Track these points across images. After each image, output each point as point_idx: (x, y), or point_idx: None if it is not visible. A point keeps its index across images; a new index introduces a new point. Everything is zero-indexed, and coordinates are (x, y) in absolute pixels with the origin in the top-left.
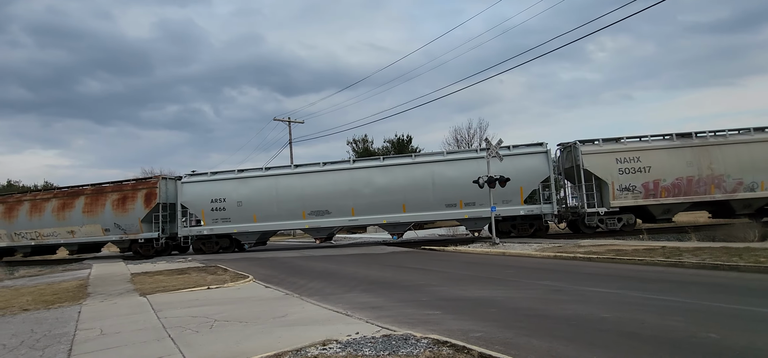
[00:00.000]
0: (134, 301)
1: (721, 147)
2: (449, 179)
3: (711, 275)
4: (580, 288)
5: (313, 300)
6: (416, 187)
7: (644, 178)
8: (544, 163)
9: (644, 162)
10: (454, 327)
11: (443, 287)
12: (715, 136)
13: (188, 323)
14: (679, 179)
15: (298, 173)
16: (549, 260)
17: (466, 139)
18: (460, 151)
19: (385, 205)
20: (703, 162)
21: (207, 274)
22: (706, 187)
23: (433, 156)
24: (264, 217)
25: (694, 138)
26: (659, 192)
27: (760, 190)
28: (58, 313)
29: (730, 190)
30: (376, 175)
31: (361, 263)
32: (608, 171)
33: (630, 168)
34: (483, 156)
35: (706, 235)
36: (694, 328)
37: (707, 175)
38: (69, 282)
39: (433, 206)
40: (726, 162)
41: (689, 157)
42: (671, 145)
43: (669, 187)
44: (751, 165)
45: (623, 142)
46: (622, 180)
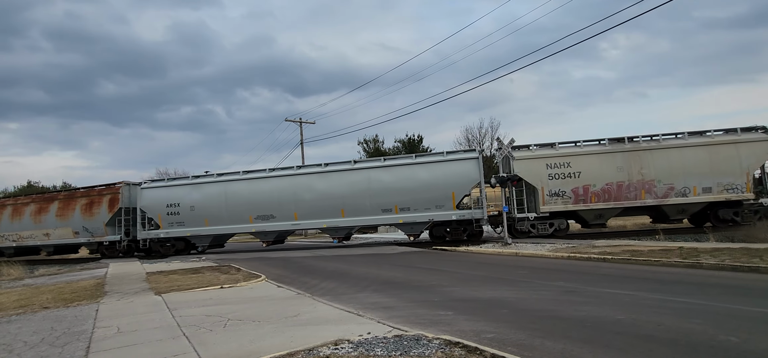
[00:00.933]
0: (150, 300)
1: (653, 152)
2: (385, 185)
3: (730, 277)
4: (594, 289)
5: (324, 300)
6: (354, 192)
7: (574, 183)
8: (475, 170)
9: (574, 168)
10: (466, 328)
11: (455, 288)
12: (648, 141)
13: (203, 321)
14: (609, 184)
15: (246, 179)
16: (563, 260)
17: (478, 138)
18: (396, 157)
19: (325, 210)
20: (634, 167)
21: (220, 273)
22: (637, 192)
23: (370, 162)
24: (215, 221)
25: (626, 143)
26: (589, 197)
27: (692, 195)
28: (76, 311)
29: (661, 195)
30: (317, 182)
31: (372, 263)
32: (538, 177)
33: (560, 174)
34: (417, 162)
35: (725, 235)
36: (714, 331)
37: (638, 180)
38: (87, 281)
39: (370, 210)
40: (657, 167)
41: (620, 163)
42: (602, 151)
43: (599, 192)
44: (682, 170)
45: (556, 148)
46: (552, 185)
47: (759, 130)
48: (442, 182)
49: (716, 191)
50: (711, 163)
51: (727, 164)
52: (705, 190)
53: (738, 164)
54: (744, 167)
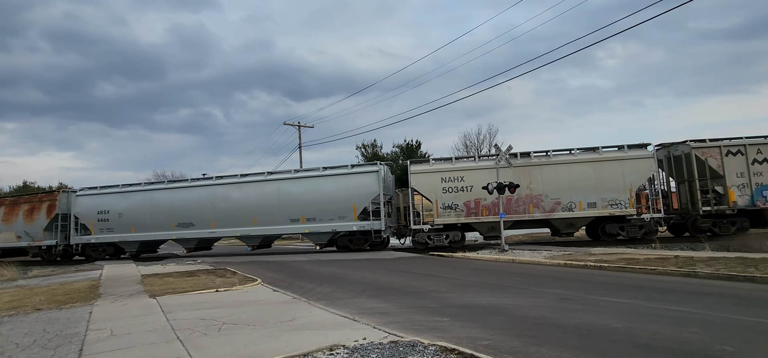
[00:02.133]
0: (144, 302)
1: (542, 168)
2: (293, 196)
3: (726, 286)
4: (590, 297)
5: (320, 305)
6: (266, 203)
7: (466, 196)
8: (375, 183)
9: (467, 181)
10: (462, 335)
11: (451, 294)
12: (539, 156)
13: (197, 325)
14: (499, 197)
15: (169, 188)
16: (559, 267)
17: (476, 145)
18: (306, 169)
19: (239, 218)
20: (523, 182)
21: (216, 277)
22: (526, 206)
23: (281, 174)
24: (140, 228)
25: (518, 158)
26: (480, 211)
27: (578, 210)
28: (69, 313)
29: (548, 209)
30: (232, 191)
31: (369, 268)
32: (433, 190)
33: (454, 187)
34: (324, 175)
35: (721, 245)
36: (709, 340)
37: (526, 195)
38: (81, 282)
39: (279, 220)
40: (545, 182)
41: (510, 177)
42: (494, 166)
43: (489, 206)
44: (568, 186)
45: (452, 162)
46: (446, 199)
47: (643, 148)
48: (344, 195)
49: (601, 206)
50: (596, 179)
51: (611, 181)
52: (590, 205)
53: (622, 181)
54: (627, 183)
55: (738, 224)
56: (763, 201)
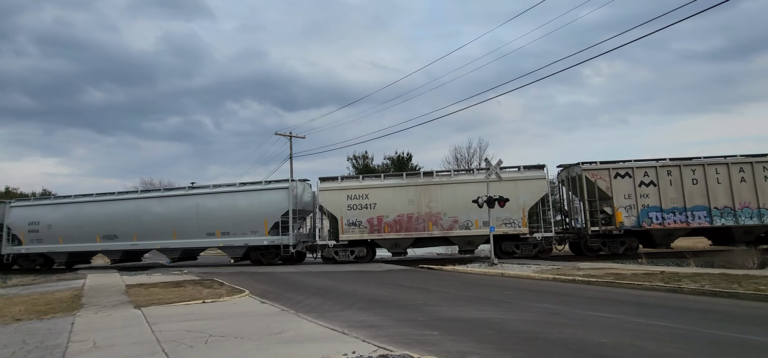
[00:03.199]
0: (129, 313)
1: (442, 187)
2: (210, 210)
3: (710, 302)
4: (578, 311)
5: (309, 317)
6: (184, 216)
7: (370, 214)
8: (285, 199)
9: (371, 199)
10: (452, 349)
11: (441, 307)
12: (440, 176)
13: (183, 337)
14: (401, 215)
15: (96, 201)
16: (548, 282)
17: (466, 158)
18: (222, 185)
19: (160, 232)
20: (424, 200)
21: (203, 287)
22: (425, 224)
23: (200, 189)
24: (68, 239)
25: (420, 177)
26: (383, 227)
27: (474, 228)
28: (50, 324)
29: (446, 227)
30: (155, 205)
31: (359, 280)
32: (339, 207)
33: (358, 205)
34: (239, 190)
35: (705, 261)
36: (693, 356)
37: (426, 213)
38: (63, 292)
39: (197, 233)
40: (443, 201)
41: (412, 196)
42: (397, 184)
43: (391, 223)
44: (465, 205)
45: (359, 181)
46: (350, 216)
47: (539, 169)
48: (256, 210)
49: (497, 226)
50: None
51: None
52: (485, 223)
53: (516, 201)
54: (521, 203)
55: (627, 243)
56: (649, 222)
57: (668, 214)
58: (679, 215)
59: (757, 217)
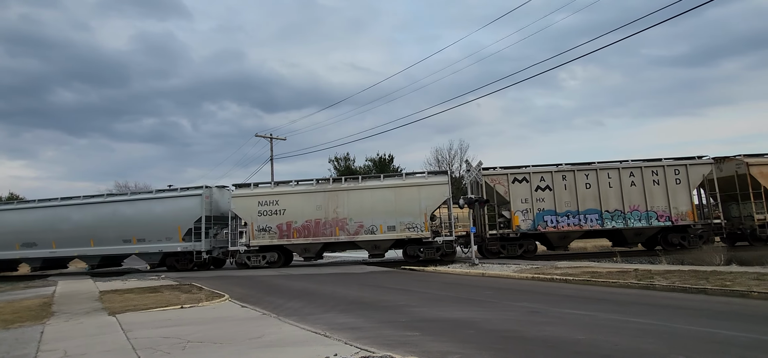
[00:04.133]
0: (102, 320)
1: (349, 193)
2: (127, 217)
3: (681, 298)
4: (556, 310)
5: (290, 320)
6: (102, 224)
7: (279, 220)
8: (198, 206)
9: (281, 205)
10: (433, 349)
11: (422, 308)
12: (348, 182)
13: (159, 343)
14: (309, 221)
15: (16, 209)
16: (527, 281)
17: (447, 160)
18: (138, 192)
19: (79, 239)
20: (331, 206)
21: (181, 292)
22: (332, 229)
23: (117, 197)
24: None
25: (329, 184)
26: (291, 233)
27: (379, 233)
28: (17, 333)
29: (352, 232)
30: (73, 213)
31: (340, 282)
32: (250, 213)
33: (268, 210)
34: (154, 197)
35: (676, 258)
36: (665, 351)
37: (333, 218)
38: (31, 300)
39: (114, 241)
40: (350, 207)
41: (319, 202)
42: (306, 190)
43: (300, 228)
44: (371, 210)
45: (271, 187)
46: (261, 221)
47: (442, 175)
48: (171, 217)
49: (399, 230)
50: (396, 203)
51: (409, 206)
52: (390, 228)
53: (418, 206)
54: (423, 208)
55: (525, 246)
56: (544, 225)
57: (562, 217)
58: (572, 218)
59: (645, 219)
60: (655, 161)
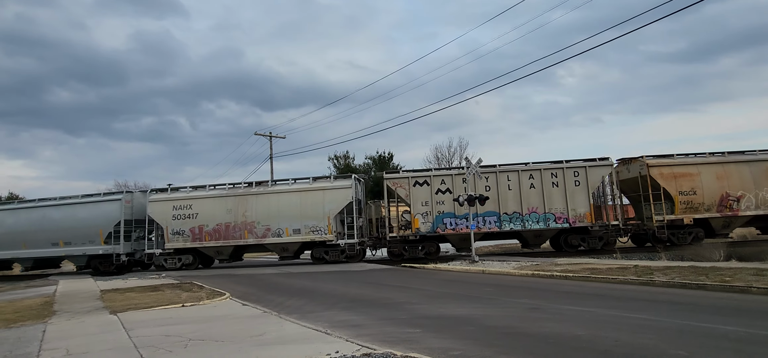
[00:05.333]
0: (104, 319)
1: (257, 197)
2: (55, 222)
3: (680, 294)
4: (556, 306)
5: (291, 318)
6: (32, 228)
7: (192, 223)
8: (117, 210)
9: (194, 210)
10: (434, 346)
11: (423, 305)
12: (259, 186)
13: (161, 342)
14: (220, 224)
15: None
16: (527, 278)
17: (447, 157)
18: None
19: (11, 243)
20: (240, 210)
21: (182, 291)
22: (242, 232)
23: (47, 202)
24: None
25: (240, 188)
26: (204, 236)
27: (285, 235)
28: (19, 332)
29: (260, 235)
30: (7, 217)
31: (340, 280)
32: (165, 217)
33: (182, 214)
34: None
35: (675, 254)
36: (665, 346)
37: (242, 221)
38: (33, 299)
39: (43, 244)
40: (258, 211)
41: (230, 206)
42: (217, 195)
43: (211, 232)
44: (277, 213)
45: (185, 191)
46: (175, 225)
47: (346, 178)
48: (93, 221)
49: (304, 233)
50: (301, 207)
51: (313, 210)
52: (295, 231)
53: (322, 209)
54: (326, 212)
55: (426, 247)
56: (443, 228)
57: (461, 220)
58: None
59: (543, 221)
60: (556, 163)
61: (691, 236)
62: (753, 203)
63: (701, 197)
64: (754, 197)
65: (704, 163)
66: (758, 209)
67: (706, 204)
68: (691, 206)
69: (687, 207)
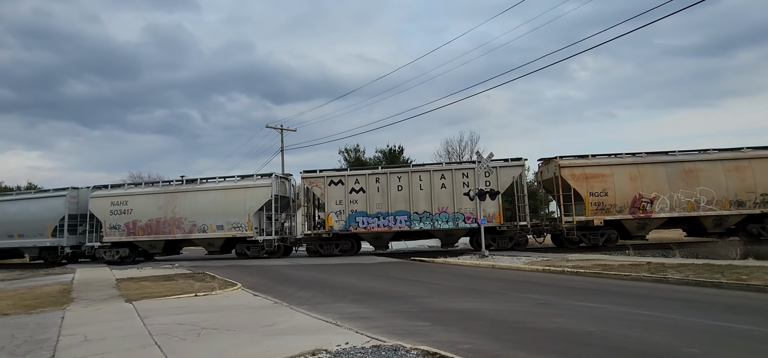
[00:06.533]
0: (120, 307)
1: (185, 194)
2: (10, 215)
3: (694, 291)
4: (567, 302)
5: (302, 309)
6: None
7: (127, 218)
8: (63, 205)
9: (129, 206)
10: (443, 339)
11: (432, 299)
12: (188, 184)
13: (175, 330)
14: (151, 220)
15: None
16: (537, 273)
17: (457, 151)
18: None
19: None
20: (170, 207)
21: (194, 281)
22: (170, 227)
23: (4, 197)
24: None
25: (171, 186)
26: (137, 231)
27: (210, 231)
28: (39, 318)
29: (187, 230)
30: None
31: (350, 272)
32: (103, 212)
33: (119, 210)
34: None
35: (690, 252)
36: (677, 343)
37: (171, 217)
38: (51, 287)
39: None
40: (185, 207)
41: (161, 202)
42: (150, 192)
43: (144, 227)
44: (203, 210)
45: (123, 188)
46: (112, 220)
47: (266, 178)
48: (42, 215)
49: (227, 229)
50: (225, 205)
51: (235, 207)
52: (218, 227)
53: (243, 207)
54: (247, 209)
55: (340, 245)
56: (355, 226)
57: (373, 218)
58: (383, 219)
59: (452, 221)
60: (468, 163)
61: (604, 237)
62: (668, 205)
63: (613, 198)
64: (668, 199)
65: (618, 164)
66: (673, 211)
67: (618, 206)
68: (602, 207)
69: (598, 208)
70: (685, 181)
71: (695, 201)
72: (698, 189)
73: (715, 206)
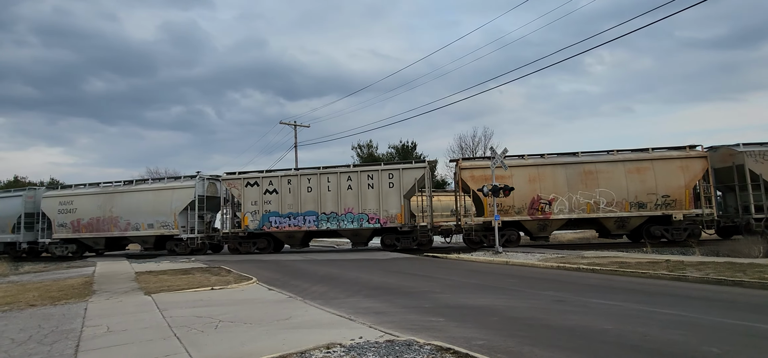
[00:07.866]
0: (140, 299)
1: (122, 195)
2: None
3: (715, 290)
4: (582, 299)
5: (316, 304)
6: None
7: (72, 217)
8: (20, 205)
9: (74, 205)
10: (457, 334)
11: (446, 295)
12: (125, 185)
13: (193, 323)
14: (92, 218)
15: None
16: (552, 270)
17: (471, 147)
18: None
19: None
20: (108, 206)
21: (211, 275)
22: (109, 226)
23: None
24: None
25: (110, 187)
26: (81, 228)
27: (142, 230)
28: (64, 309)
29: (123, 228)
30: None
31: (364, 268)
32: (52, 212)
33: (65, 209)
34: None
35: (710, 250)
36: (696, 342)
37: (109, 216)
38: (74, 279)
39: None
40: (122, 207)
41: (100, 202)
42: (91, 192)
43: (86, 224)
44: (136, 210)
45: (70, 189)
46: (60, 218)
47: (190, 179)
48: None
49: (156, 227)
50: (155, 205)
51: (163, 207)
52: (149, 226)
53: (170, 207)
54: (173, 209)
55: (257, 244)
56: (269, 226)
57: (285, 218)
58: (293, 219)
59: (357, 221)
60: (372, 165)
61: (504, 237)
62: (566, 207)
63: (512, 199)
64: (567, 200)
65: (517, 165)
66: (572, 213)
67: (516, 207)
68: (501, 208)
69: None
70: (585, 182)
71: (594, 203)
72: (597, 190)
73: (615, 207)
